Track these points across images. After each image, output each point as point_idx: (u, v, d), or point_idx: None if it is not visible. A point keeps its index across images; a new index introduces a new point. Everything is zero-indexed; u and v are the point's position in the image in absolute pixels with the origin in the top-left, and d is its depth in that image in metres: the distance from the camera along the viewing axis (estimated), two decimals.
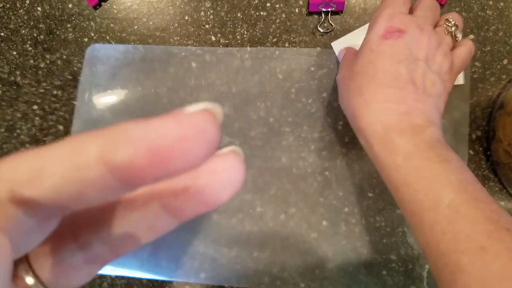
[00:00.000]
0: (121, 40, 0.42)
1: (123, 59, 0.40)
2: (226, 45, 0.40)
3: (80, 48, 0.42)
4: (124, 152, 0.08)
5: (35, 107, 0.42)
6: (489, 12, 0.39)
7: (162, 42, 0.41)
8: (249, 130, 0.38)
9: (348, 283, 0.35)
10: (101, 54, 0.41)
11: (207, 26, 0.41)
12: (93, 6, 0.42)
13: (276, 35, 0.40)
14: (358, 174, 0.37)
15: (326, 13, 0.39)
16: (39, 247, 0.11)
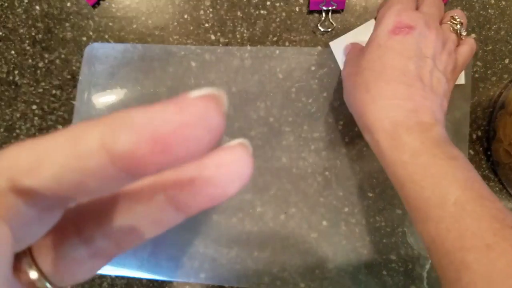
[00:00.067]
0: (120, 39, 0.41)
1: (122, 58, 0.40)
2: (226, 44, 0.40)
3: (78, 47, 0.42)
4: (125, 139, 0.08)
5: (34, 107, 0.42)
6: (490, 11, 0.39)
7: (161, 41, 0.41)
8: (249, 130, 0.38)
9: (348, 283, 0.35)
10: (100, 53, 0.41)
11: (207, 25, 0.41)
12: (92, 5, 0.42)
13: (276, 34, 0.40)
14: (358, 174, 0.37)
15: (327, 12, 0.39)
16: (42, 241, 0.11)
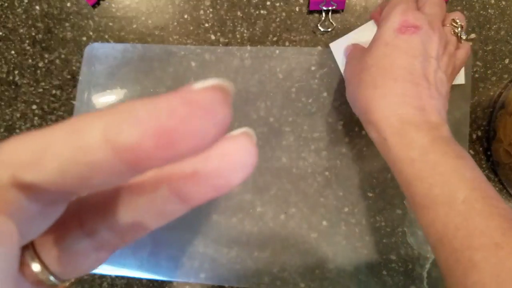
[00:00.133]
0: (120, 39, 0.41)
1: (122, 58, 0.40)
2: (226, 44, 0.40)
3: (78, 47, 0.42)
4: (129, 132, 0.08)
5: (34, 107, 0.42)
6: (490, 11, 0.39)
7: (161, 41, 0.41)
8: None
9: (348, 283, 0.35)
10: (100, 53, 0.41)
11: (207, 25, 0.41)
12: (92, 5, 0.42)
13: (276, 34, 0.40)
14: (358, 174, 0.37)
15: (327, 12, 0.39)
16: (44, 234, 0.11)
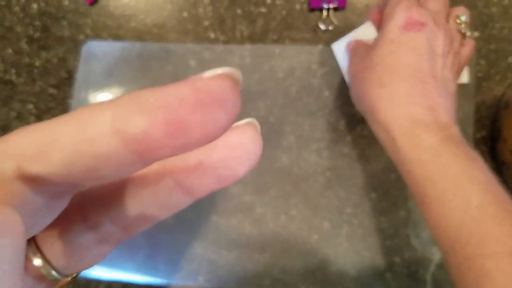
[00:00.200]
0: (117, 38, 0.41)
1: (120, 56, 0.40)
2: (225, 42, 0.40)
3: (76, 46, 0.41)
4: (139, 122, 0.07)
5: (31, 106, 0.41)
6: (493, 9, 0.38)
7: (160, 39, 0.40)
8: None
9: (350, 286, 0.35)
10: (97, 52, 0.40)
11: (206, 23, 0.40)
12: (89, 3, 0.41)
13: (277, 32, 0.39)
14: (360, 175, 0.36)
15: (328, 10, 0.39)
16: (47, 228, 0.10)
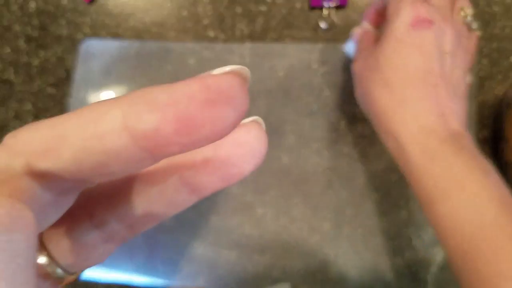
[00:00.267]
0: (116, 36, 0.40)
1: (118, 55, 0.39)
2: (225, 41, 0.39)
3: (74, 45, 0.41)
4: (149, 119, 0.07)
5: (29, 106, 0.41)
6: (495, 8, 0.38)
7: (159, 38, 0.40)
8: None
9: (350, 287, 0.34)
10: (96, 50, 0.40)
11: (205, 22, 0.40)
12: (88, 2, 0.41)
13: (277, 31, 0.39)
14: (361, 175, 0.36)
15: (329, 8, 0.38)
16: (53, 225, 0.10)
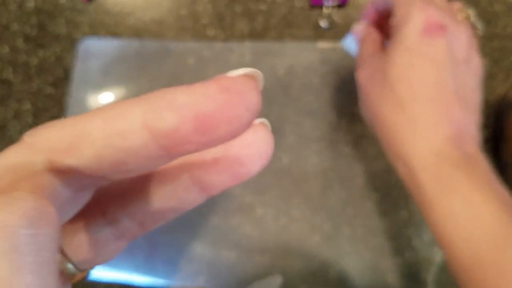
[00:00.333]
0: (115, 35, 0.40)
1: (117, 54, 0.39)
2: (225, 40, 0.39)
3: (73, 44, 0.40)
4: (169, 118, 0.08)
5: (28, 106, 0.40)
6: (497, 7, 0.38)
7: (158, 36, 0.40)
8: None
9: (351, 287, 0.34)
10: (94, 49, 0.39)
11: (205, 20, 0.40)
12: (87, 1, 0.41)
13: (277, 30, 0.39)
14: (361, 175, 0.36)
15: (329, 7, 0.38)
16: (67, 222, 0.11)
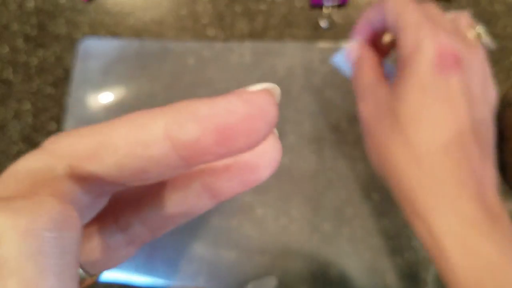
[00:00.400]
0: (115, 35, 0.40)
1: (117, 54, 0.39)
2: (225, 40, 0.39)
3: (73, 44, 0.40)
4: (191, 130, 0.08)
5: (28, 106, 0.40)
6: (497, 7, 0.38)
7: (158, 36, 0.40)
8: None
9: (351, 287, 0.34)
10: (95, 49, 0.39)
11: (205, 20, 0.40)
12: (87, 1, 0.41)
13: (277, 30, 0.39)
14: (362, 175, 0.36)
15: (329, 7, 0.38)
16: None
